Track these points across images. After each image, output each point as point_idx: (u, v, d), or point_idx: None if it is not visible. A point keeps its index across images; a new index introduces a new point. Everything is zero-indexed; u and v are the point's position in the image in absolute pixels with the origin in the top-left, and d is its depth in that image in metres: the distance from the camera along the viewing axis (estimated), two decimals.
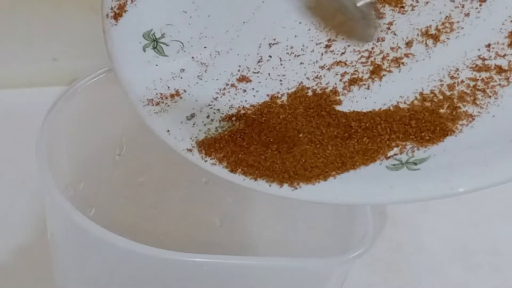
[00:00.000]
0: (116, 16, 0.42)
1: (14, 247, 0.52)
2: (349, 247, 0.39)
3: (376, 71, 0.41)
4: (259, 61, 0.42)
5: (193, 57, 0.42)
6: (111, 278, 0.41)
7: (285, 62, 0.42)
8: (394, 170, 0.37)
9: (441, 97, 0.40)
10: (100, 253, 0.40)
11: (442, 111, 0.39)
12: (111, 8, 0.42)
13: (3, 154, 0.58)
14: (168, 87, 0.41)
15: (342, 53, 0.42)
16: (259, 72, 0.42)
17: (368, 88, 0.41)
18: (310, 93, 0.41)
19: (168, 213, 0.51)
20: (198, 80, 0.42)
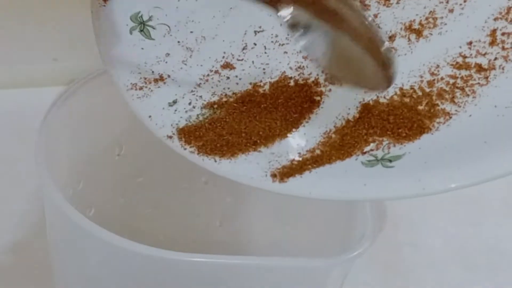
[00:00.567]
0: None
1: (14, 247, 0.52)
2: (348, 247, 0.39)
3: None
4: (243, 48, 0.42)
5: (179, 42, 0.42)
6: (111, 278, 0.41)
7: (269, 50, 0.42)
8: (369, 166, 0.37)
9: (420, 93, 0.40)
10: (99, 253, 0.40)
11: (420, 107, 0.39)
12: None
13: (2, 154, 0.58)
14: (152, 72, 0.41)
15: None
16: (243, 59, 0.42)
17: None
18: (292, 83, 0.41)
19: (167, 213, 0.51)
20: (182, 65, 0.42)
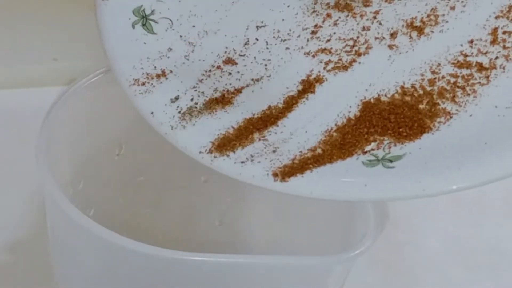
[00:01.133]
0: None
1: (14, 246, 0.52)
2: (350, 246, 0.39)
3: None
4: (245, 44, 0.42)
5: (181, 36, 0.42)
6: (111, 277, 0.41)
7: (271, 46, 0.42)
8: (369, 166, 0.37)
9: (421, 92, 0.40)
10: (100, 252, 0.40)
11: (421, 106, 0.39)
12: None
13: (3, 154, 0.58)
14: (155, 67, 0.41)
15: (328, 40, 0.42)
16: (245, 55, 0.42)
17: None
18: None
19: (167, 212, 0.51)
20: (185, 60, 0.41)
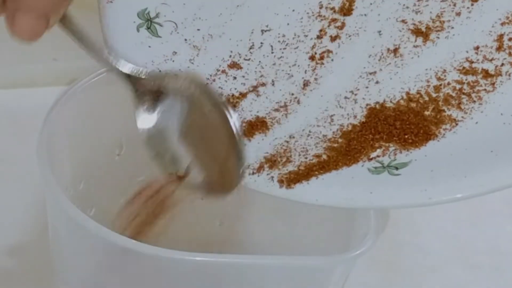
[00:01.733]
0: None
1: (15, 246, 0.52)
2: (350, 246, 0.39)
3: None
4: (250, 48, 0.42)
5: (186, 39, 0.42)
6: (111, 277, 0.41)
7: (276, 50, 0.42)
8: (375, 173, 0.37)
9: (426, 98, 0.40)
10: (101, 252, 0.40)
11: (426, 113, 0.39)
12: None
13: (3, 154, 0.58)
14: (160, 71, 0.41)
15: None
16: (250, 59, 0.42)
17: None
18: None
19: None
20: (189, 64, 0.41)
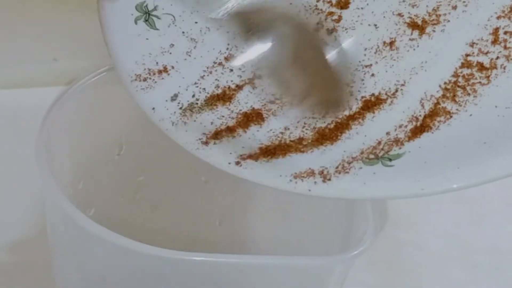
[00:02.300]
0: None
1: (14, 246, 0.52)
2: (348, 246, 0.39)
3: None
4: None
5: (183, 32, 0.42)
6: (111, 277, 0.41)
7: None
8: (369, 164, 0.37)
9: None
10: (100, 252, 0.40)
11: None
12: None
13: (3, 154, 0.58)
14: (157, 63, 0.41)
15: None
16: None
17: None
18: None
19: (167, 212, 0.51)
20: (186, 57, 0.41)
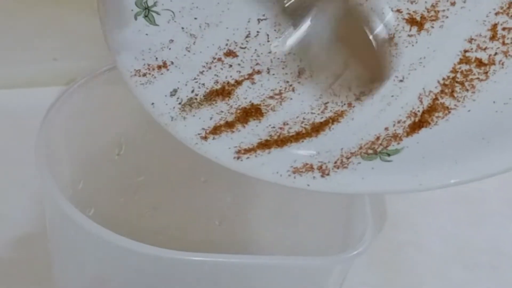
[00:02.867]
0: None
1: (14, 246, 0.52)
2: (348, 246, 0.40)
3: None
4: (246, 36, 0.42)
5: (183, 28, 0.42)
6: (111, 277, 0.41)
7: (272, 39, 0.42)
8: (367, 159, 0.37)
9: None
10: (99, 252, 0.40)
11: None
12: None
13: (2, 154, 0.58)
14: (156, 58, 0.41)
15: None
16: (246, 47, 0.42)
17: None
18: None
19: (167, 212, 0.51)
20: (186, 52, 0.42)
